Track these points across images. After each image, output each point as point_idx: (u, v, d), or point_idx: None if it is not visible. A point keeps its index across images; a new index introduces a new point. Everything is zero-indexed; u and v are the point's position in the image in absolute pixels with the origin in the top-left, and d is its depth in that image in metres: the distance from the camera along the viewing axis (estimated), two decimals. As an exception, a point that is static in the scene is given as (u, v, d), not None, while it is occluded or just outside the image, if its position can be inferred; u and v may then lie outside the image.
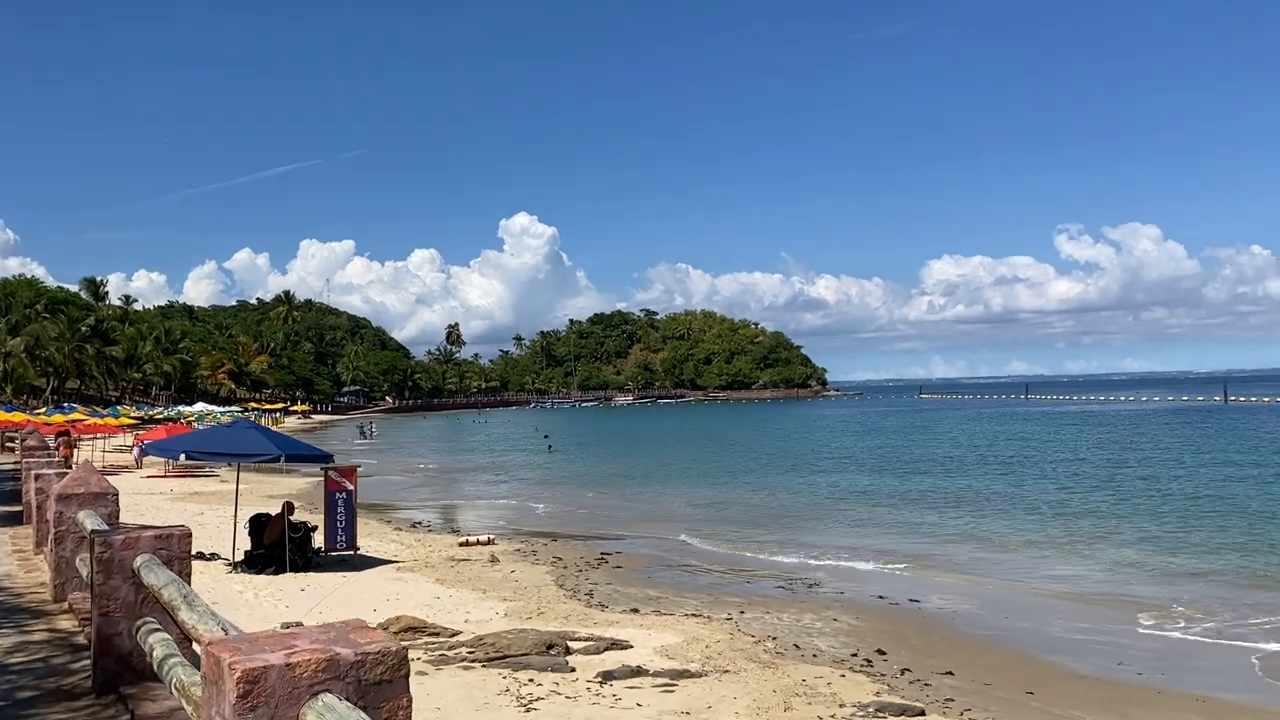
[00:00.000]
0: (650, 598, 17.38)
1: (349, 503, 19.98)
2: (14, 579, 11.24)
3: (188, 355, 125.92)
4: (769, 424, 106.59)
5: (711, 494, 37.50)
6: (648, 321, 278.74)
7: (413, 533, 26.40)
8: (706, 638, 13.97)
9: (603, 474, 47.03)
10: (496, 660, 12.49)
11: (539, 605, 16.23)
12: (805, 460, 54.18)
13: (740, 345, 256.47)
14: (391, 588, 17.62)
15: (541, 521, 29.88)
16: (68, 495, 9.90)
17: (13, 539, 14.58)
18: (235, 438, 18.59)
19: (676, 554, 22.91)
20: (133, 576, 6.81)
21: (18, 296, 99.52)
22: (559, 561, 21.20)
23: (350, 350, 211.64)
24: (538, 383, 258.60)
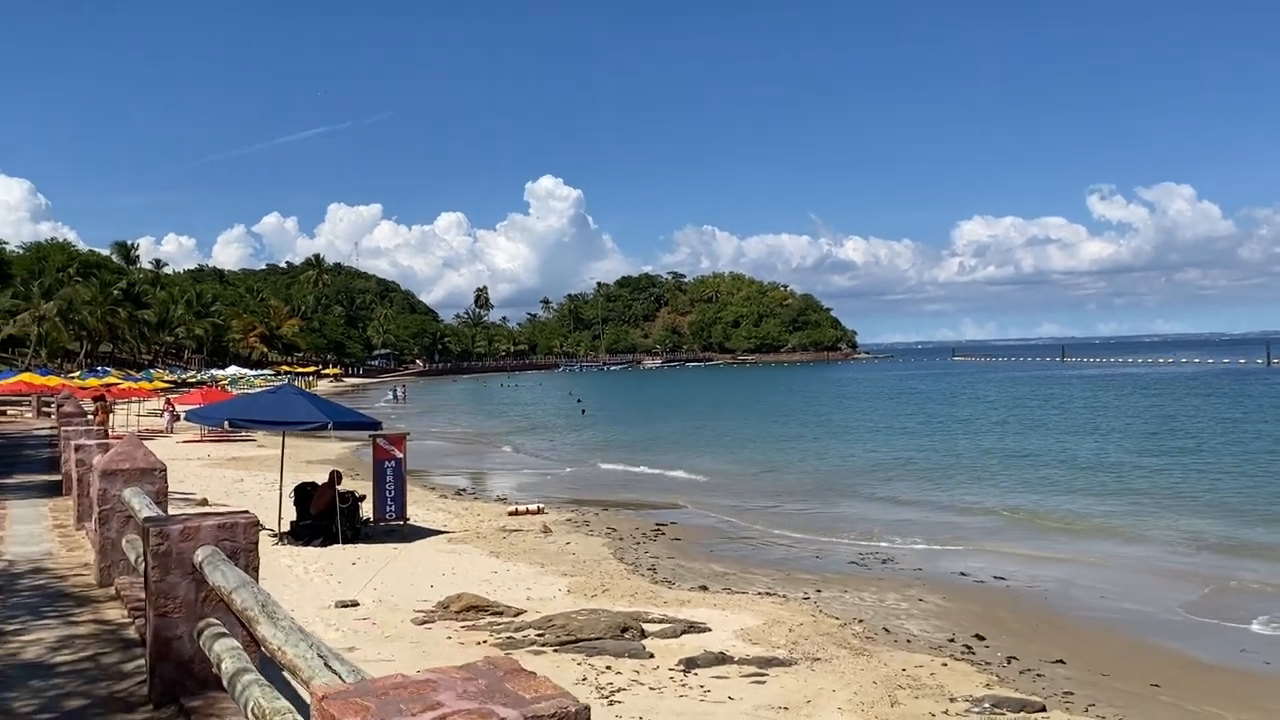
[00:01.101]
0: (717, 574, 16.47)
1: (398, 471, 19.18)
2: (56, 559, 10.44)
3: (219, 319, 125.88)
4: (802, 387, 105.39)
5: (760, 461, 36.54)
6: (675, 284, 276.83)
7: (459, 500, 25.62)
8: (788, 620, 13.04)
9: (640, 439, 46.10)
10: (569, 644, 11.62)
11: (602, 581, 15.36)
12: (850, 425, 53.10)
13: (769, 308, 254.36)
14: (445, 561, 16.82)
15: (587, 489, 29.03)
16: (112, 471, 9.05)
17: (53, 512, 13.82)
18: (281, 405, 17.78)
19: (734, 525, 21.99)
20: (193, 572, 5.93)
21: (50, 260, 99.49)
22: (614, 533, 20.33)
23: (380, 314, 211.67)
24: (565, 346, 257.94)
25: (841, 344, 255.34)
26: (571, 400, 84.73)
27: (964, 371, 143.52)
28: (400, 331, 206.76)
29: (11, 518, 13.35)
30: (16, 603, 8.46)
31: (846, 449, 40.47)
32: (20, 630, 7.56)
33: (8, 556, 10.52)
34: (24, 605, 8.36)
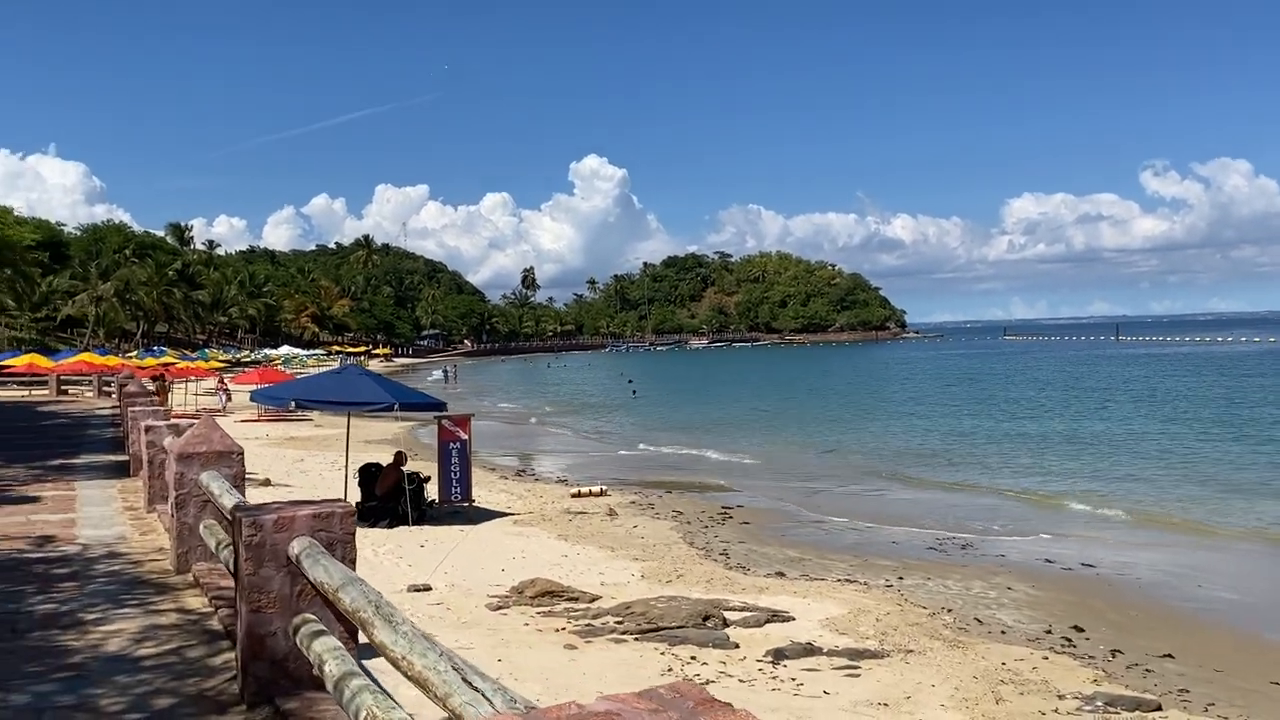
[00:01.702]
0: (792, 559, 15.99)
1: (463, 453, 18.90)
2: (129, 543, 10.21)
3: (271, 299, 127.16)
4: (854, 367, 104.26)
5: (819, 442, 35.95)
6: (722, 264, 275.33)
7: (520, 481, 25.36)
8: (874, 609, 12.54)
9: (694, 420, 45.56)
10: (650, 633, 11.23)
11: (675, 566, 14.95)
12: (908, 406, 52.29)
13: (816, 287, 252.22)
14: (514, 544, 16.50)
15: (646, 470, 28.64)
16: (189, 454, 8.76)
17: (122, 494, 13.66)
18: (346, 385, 17.53)
19: (800, 509, 21.46)
20: (288, 565, 5.58)
21: (107, 241, 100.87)
22: (680, 516, 19.92)
23: (428, 294, 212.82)
24: (612, 326, 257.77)
25: (890, 323, 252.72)
26: (622, 381, 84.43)
27: (1017, 351, 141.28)
28: (448, 312, 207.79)
29: (81, 499, 13.21)
30: (95, 590, 8.21)
31: (908, 430, 39.73)
32: (101, 620, 7.29)
33: (81, 540, 10.32)
34: (102, 593, 8.11)
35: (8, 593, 8.08)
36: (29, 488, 14.23)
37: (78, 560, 9.36)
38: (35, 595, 8.01)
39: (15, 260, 27.12)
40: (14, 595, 8.00)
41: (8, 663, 6.29)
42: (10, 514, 11.92)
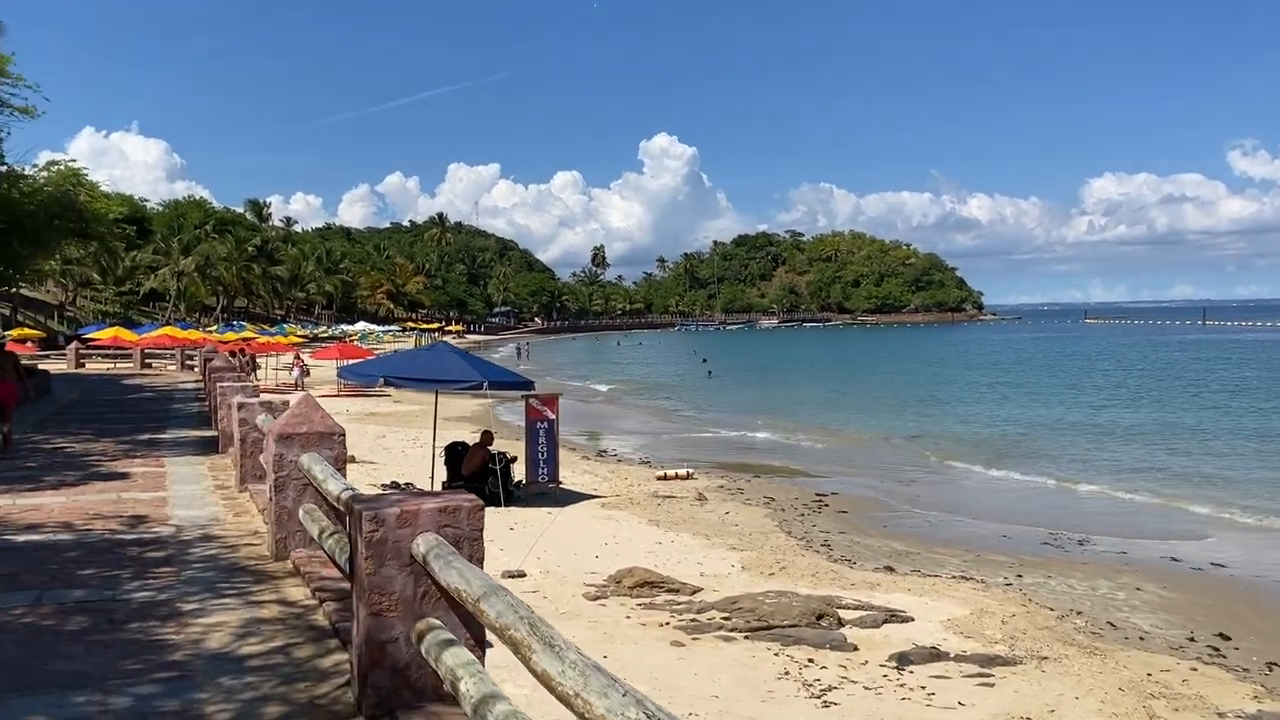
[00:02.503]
0: (899, 553, 15.20)
1: (551, 433, 18.41)
2: (223, 525, 9.82)
3: (348, 275, 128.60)
4: (931, 349, 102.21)
5: (905, 427, 34.89)
6: (793, 243, 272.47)
7: (602, 462, 24.84)
8: (997, 610, 11.74)
9: (772, 402, 44.58)
10: (761, 631, 10.58)
11: (776, 557, 14.27)
12: (996, 390, 50.79)
13: (891, 267, 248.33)
14: (604, 529, 15.96)
15: (728, 452, 27.95)
16: (288, 435, 8.29)
17: (211, 471, 13.36)
18: (436, 362, 17.11)
19: (899, 497, 20.61)
20: (411, 564, 5.03)
21: (188, 217, 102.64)
22: (772, 502, 19.21)
23: (499, 272, 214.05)
24: (681, 305, 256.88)
25: (966, 305, 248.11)
26: (695, 360, 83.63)
27: (1101, 335, 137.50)
28: (519, 289, 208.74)
29: (171, 476, 12.94)
30: (191, 577, 7.79)
31: (995, 417, 38.43)
32: (200, 611, 6.84)
33: (174, 521, 9.96)
34: (199, 580, 7.68)
35: (103, 578, 7.70)
36: (118, 463, 14.03)
37: (172, 543, 8.98)
38: (131, 581, 7.62)
39: (103, 234, 27.19)
40: (110, 581, 7.61)
41: (106, 659, 5.86)
42: (101, 491, 11.66)
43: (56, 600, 7.07)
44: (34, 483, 12.18)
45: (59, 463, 14.05)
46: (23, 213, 22.20)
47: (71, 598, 7.13)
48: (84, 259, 72.53)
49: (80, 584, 7.51)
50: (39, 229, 23.34)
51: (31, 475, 12.81)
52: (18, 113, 20.42)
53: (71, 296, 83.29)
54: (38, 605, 6.94)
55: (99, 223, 25.38)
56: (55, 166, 23.67)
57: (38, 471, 13.23)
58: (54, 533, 9.32)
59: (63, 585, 7.47)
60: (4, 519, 9.94)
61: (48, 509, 10.47)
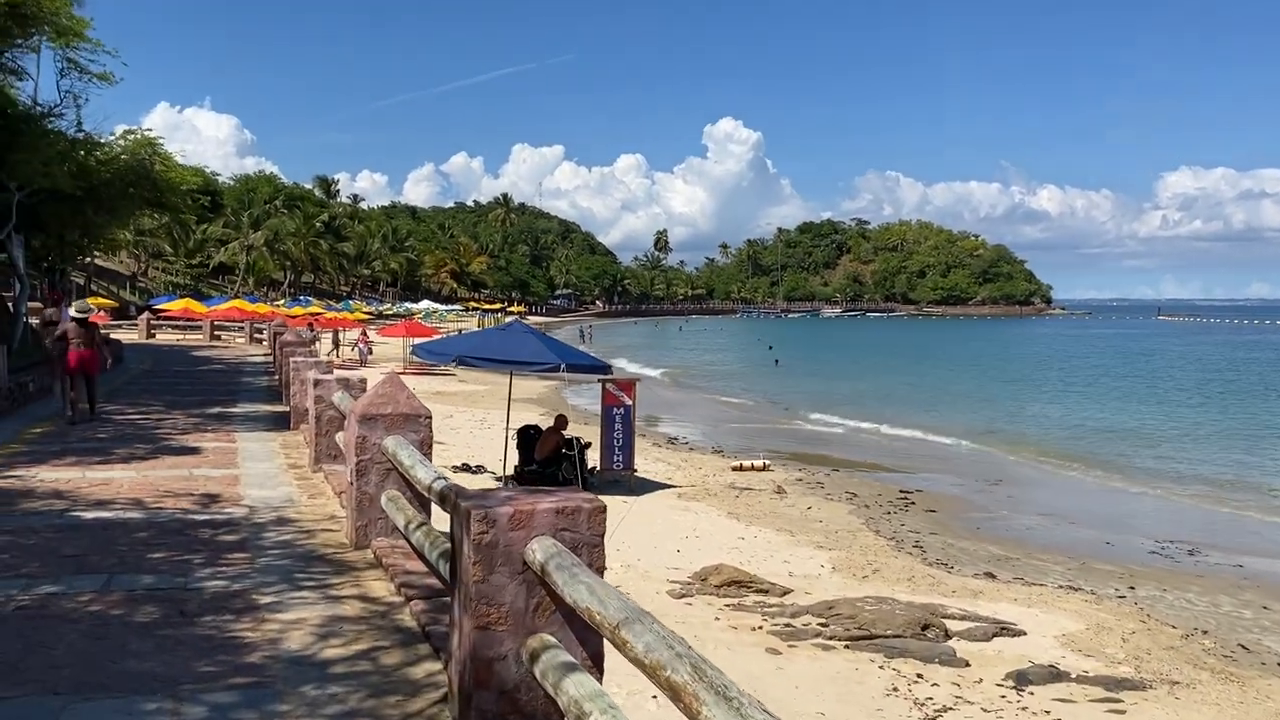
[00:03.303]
0: (997, 557, 14.34)
1: (627, 419, 17.79)
2: (298, 508, 9.32)
3: (413, 254, 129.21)
4: (1004, 343, 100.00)
5: (980, 421, 33.74)
6: (859, 231, 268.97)
7: (674, 450, 24.17)
8: (1115, 626, 10.87)
9: (843, 392, 43.41)
10: (862, 640, 9.84)
11: (867, 558, 13.50)
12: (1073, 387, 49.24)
13: (958, 258, 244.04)
14: (683, 520, 15.30)
15: (802, 443, 27.12)
16: (371, 416, 7.73)
17: (284, 449, 12.93)
18: (511, 343, 16.56)
19: (987, 497, 19.67)
20: (524, 571, 4.39)
21: (258, 192, 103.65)
22: (855, 498, 18.39)
23: (561, 254, 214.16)
24: (743, 291, 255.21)
25: (1035, 298, 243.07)
26: (760, 347, 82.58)
27: (1176, 332, 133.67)
28: (581, 272, 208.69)
29: (243, 452, 12.53)
30: (267, 564, 7.26)
31: (1076, 415, 37.05)
32: (277, 605, 6.29)
33: (247, 501, 9.49)
34: (275, 569, 7.15)
35: (175, 563, 7.21)
36: (189, 437, 13.68)
37: (245, 526, 8.49)
38: (203, 567, 7.11)
39: (177, 204, 27.09)
40: (181, 566, 7.11)
41: (179, 658, 5.32)
42: (173, 466, 11.26)
43: (126, 586, 6.59)
44: (104, 455, 11.84)
45: (129, 435, 13.73)
46: (99, 181, 22.06)
47: (141, 584, 6.64)
48: (156, 230, 73.48)
49: (150, 569, 7.02)
50: (115, 198, 23.24)
51: (102, 447, 12.48)
52: (96, 79, 20.23)
53: (144, 267, 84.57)
54: (106, 591, 6.46)
55: (173, 193, 25.22)
56: (132, 136, 23.50)
57: (108, 443, 12.91)
58: (124, 510, 8.89)
59: (132, 569, 6.99)
60: (73, 493, 9.56)
61: (117, 484, 10.08)
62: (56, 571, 6.87)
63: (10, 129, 18.29)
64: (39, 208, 21.93)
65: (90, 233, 27.21)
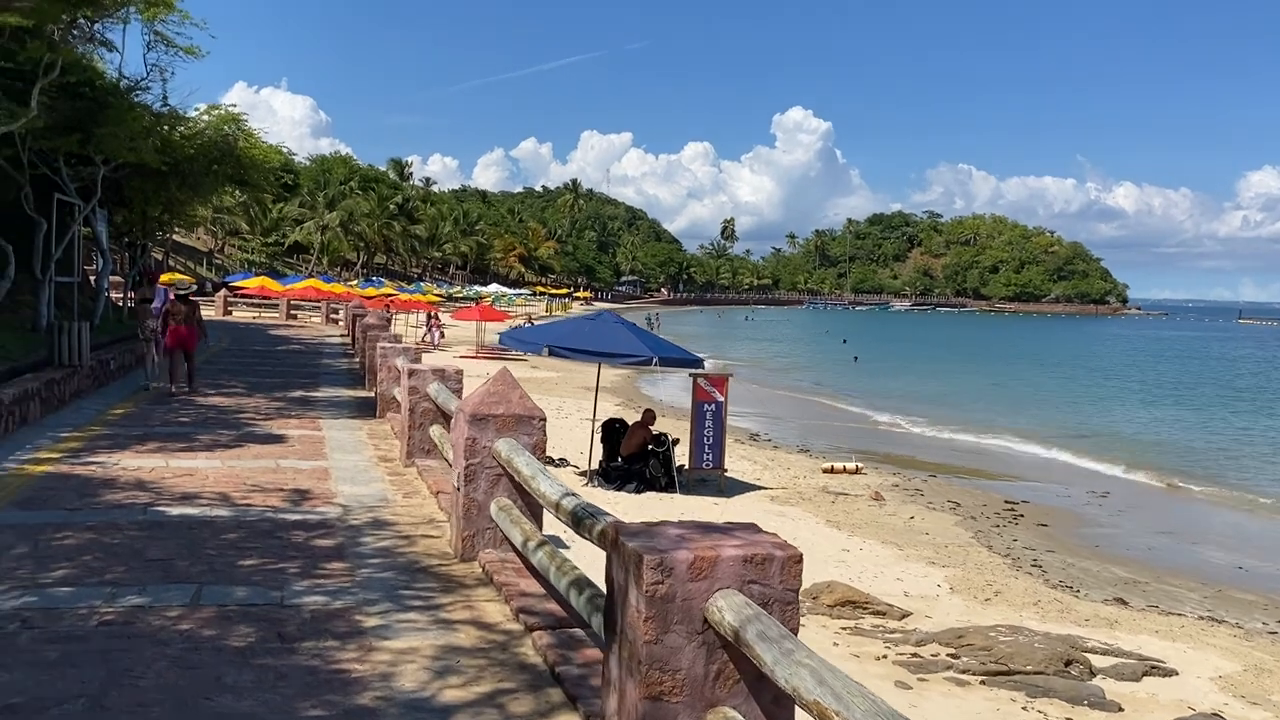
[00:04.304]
0: (1124, 580, 13.28)
1: (718, 416, 16.98)
2: (394, 508, 8.66)
3: (483, 238, 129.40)
4: (1083, 342, 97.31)
5: (1077, 426, 32.33)
6: (931, 224, 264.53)
7: (757, 447, 23.29)
8: (1274, 668, 9.83)
9: (929, 392, 41.70)
10: (1000, 675, 8.93)
11: (985, 577, 12.55)
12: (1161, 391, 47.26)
13: (1032, 254, 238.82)
14: (780, 527, 14.42)
15: (891, 445, 26.03)
16: (482, 416, 7.02)
17: (371, 439, 12.34)
18: (603, 334, 15.85)
19: (1098, 510, 18.51)
20: (703, 631, 3.62)
21: (334, 173, 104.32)
22: (958, 507, 17.38)
23: (627, 240, 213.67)
24: (810, 282, 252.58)
25: (1110, 297, 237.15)
26: (832, 340, 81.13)
27: (1261, 336, 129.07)
28: (647, 259, 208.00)
29: (329, 442, 11.96)
30: (368, 577, 6.60)
31: (1168, 422, 35.42)
32: (383, 629, 5.61)
33: (339, 499, 8.86)
34: (377, 582, 6.49)
35: (269, 572, 6.58)
36: (273, 423, 13.17)
37: (340, 528, 7.86)
38: (300, 579, 6.47)
39: (260, 181, 26.83)
40: (276, 577, 6.48)
41: (281, 696, 4.65)
42: (260, 456, 10.72)
43: (217, 600, 5.96)
44: (187, 442, 11.34)
45: (212, 419, 13.27)
46: (183, 156, 21.77)
47: (234, 598, 6.02)
48: (234, 208, 74.22)
49: (243, 579, 6.40)
50: (198, 174, 22.98)
51: (185, 432, 12.00)
52: (182, 52, 19.87)
53: (220, 245, 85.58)
54: (196, 605, 5.84)
55: (256, 170, 24.91)
56: (216, 111, 23.18)
57: (191, 428, 12.44)
58: (210, 506, 8.32)
59: (224, 579, 6.37)
60: (157, 484, 9.02)
61: (202, 475, 9.53)
62: (142, 578, 6.28)
63: (98, 102, 17.97)
64: (123, 183, 21.73)
65: (172, 209, 27.08)
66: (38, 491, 8.51)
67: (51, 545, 6.91)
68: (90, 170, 19.16)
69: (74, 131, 17.03)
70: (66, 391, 13.87)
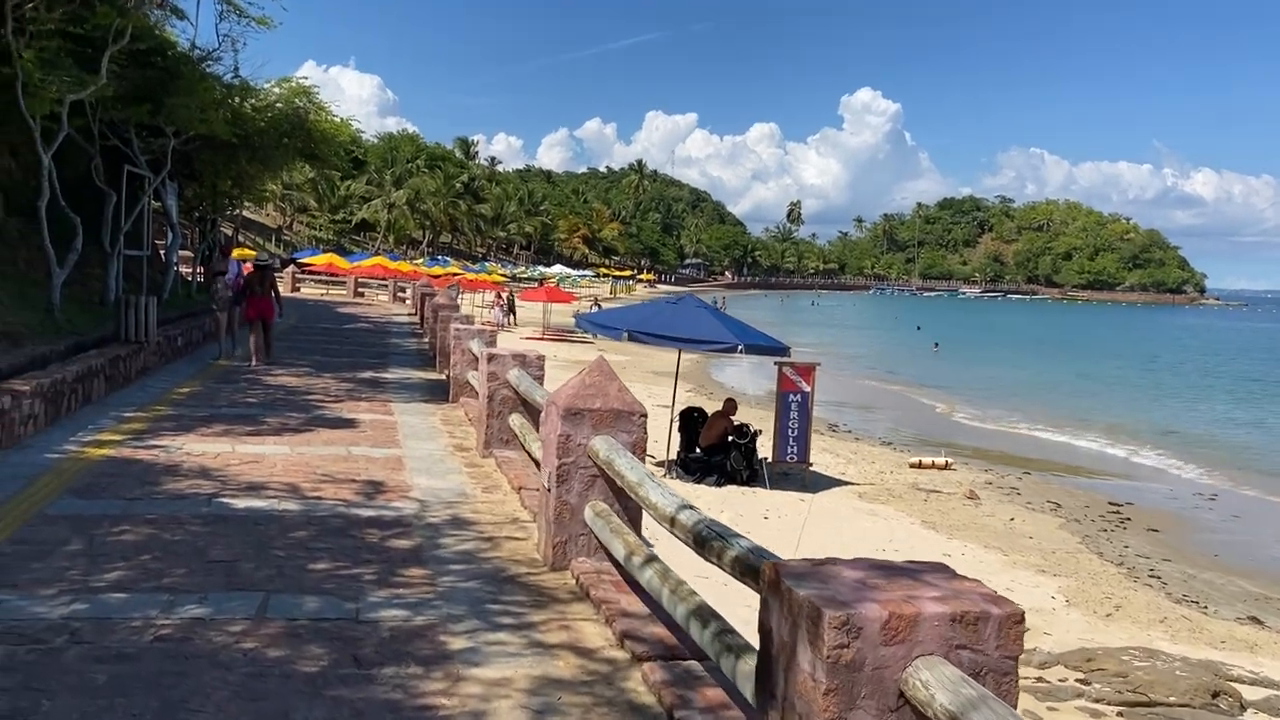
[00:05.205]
0: (1254, 595, 12.20)
1: (804, 406, 16.13)
2: (474, 505, 7.97)
3: (547, 218, 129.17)
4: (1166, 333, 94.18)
5: (1169, 423, 30.80)
6: (1003, 209, 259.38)
7: (838, 438, 22.37)
8: None
9: (1012, 383, 39.89)
10: (1139, 707, 8.01)
11: (1102, 589, 11.57)
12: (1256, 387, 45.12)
13: (1107, 241, 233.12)
14: (872, 527, 13.59)
15: (979, 439, 24.83)
16: (578, 411, 6.28)
17: (445, 425, 11.70)
18: (684, 319, 15.07)
19: (1213, 513, 17.35)
20: (898, 708, 2.83)
21: (401, 151, 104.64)
22: (1059, 509, 16.34)
23: (691, 223, 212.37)
24: (877, 267, 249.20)
25: (1188, 287, 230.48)
26: (903, 327, 79.43)
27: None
28: (711, 241, 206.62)
29: (402, 428, 11.34)
30: (450, 587, 5.89)
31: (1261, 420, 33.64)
32: (473, 653, 4.90)
33: (415, 493, 8.20)
34: (461, 593, 5.78)
35: (342, 579, 5.91)
36: (343, 406, 12.60)
37: (418, 527, 7.18)
38: (376, 587, 5.79)
39: (330, 156, 26.40)
40: (350, 584, 5.80)
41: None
42: (330, 442, 10.11)
43: (286, 613, 5.30)
44: (254, 424, 10.78)
45: (280, 400, 12.73)
46: (254, 129, 21.35)
47: (304, 610, 5.35)
48: (302, 185, 74.60)
49: (314, 586, 5.73)
50: (269, 147, 22.55)
51: (252, 414, 11.45)
52: (255, 22, 19.36)
53: (289, 221, 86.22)
54: (263, 619, 5.18)
55: (327, 144, 24.45)
56: (287, 84, 22.72)
57: (258, 409, 11.90)
58: (278, 498, 7.69)
59: (293, 587, 5.71)
60: (222, 472, 8.43)
61: (270, 462, 8.94)
62: (204, 584, 5.65)
63: (168, 71, 17.56)
64: (193, 155, 21.38)
65: (242, 183, 26.74)
66: (97, 478, 7.97)
67: (108, 541, 6.32)
68: (160, 142, 18.79)
69: (144, 101, 16.62)
70: (132, 368, 13.45)
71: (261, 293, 16.15)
